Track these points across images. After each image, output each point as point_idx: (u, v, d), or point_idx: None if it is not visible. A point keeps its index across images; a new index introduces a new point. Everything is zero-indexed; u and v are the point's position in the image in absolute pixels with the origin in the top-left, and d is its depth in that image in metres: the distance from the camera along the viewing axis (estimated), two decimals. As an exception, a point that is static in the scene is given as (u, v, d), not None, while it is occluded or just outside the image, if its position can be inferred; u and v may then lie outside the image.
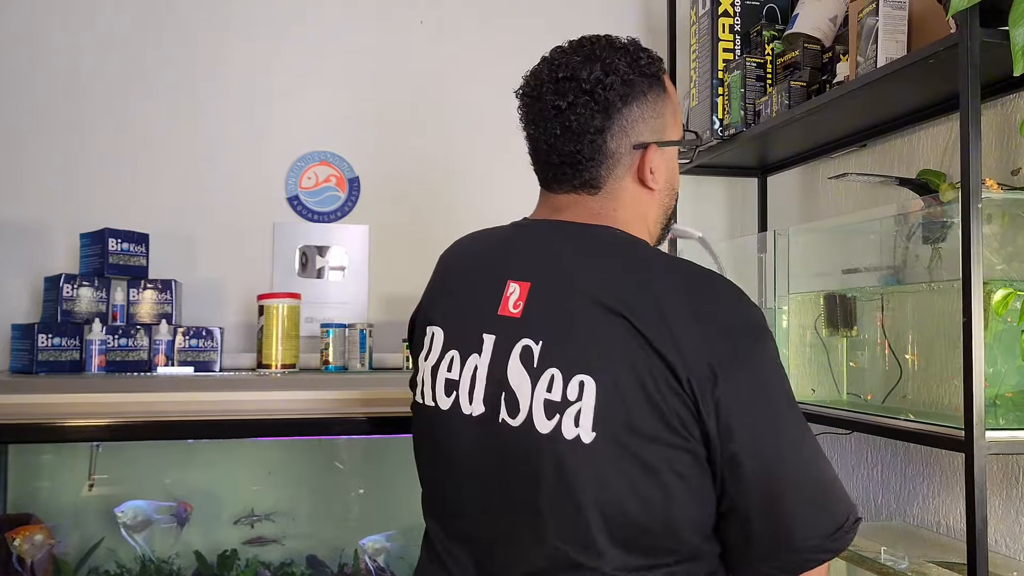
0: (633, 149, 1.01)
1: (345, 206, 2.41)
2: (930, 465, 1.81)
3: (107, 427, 1.53)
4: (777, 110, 1.82)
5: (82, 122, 2.24)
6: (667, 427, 0.87)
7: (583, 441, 0.89)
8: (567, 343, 0.92)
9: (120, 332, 1.93)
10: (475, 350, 0.99)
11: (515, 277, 0.99)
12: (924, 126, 1.82)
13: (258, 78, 2.36)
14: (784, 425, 0.91)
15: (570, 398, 0.90)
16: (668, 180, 1.06)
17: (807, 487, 0.90)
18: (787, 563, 0.91)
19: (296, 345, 2.07)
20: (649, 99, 1.02)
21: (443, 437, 1.03)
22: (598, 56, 1.01)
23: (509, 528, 0.96)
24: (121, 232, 1.97)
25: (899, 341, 1.67)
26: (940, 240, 1.62)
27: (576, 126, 0.99)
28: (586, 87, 0.99)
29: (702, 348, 0.87)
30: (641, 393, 0.87)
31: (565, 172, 1.02)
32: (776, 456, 0.89)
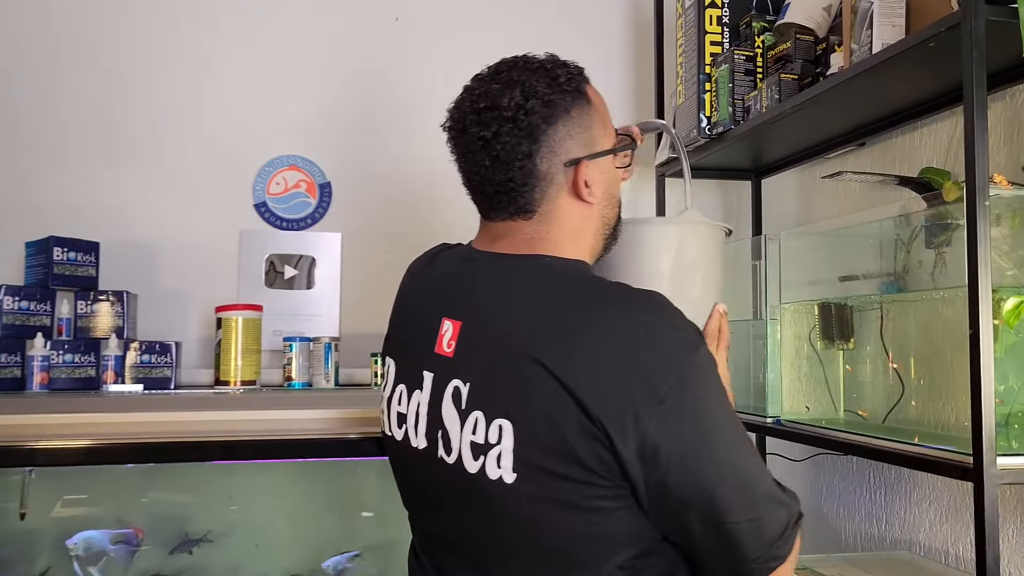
0: (565, 167, 1.02)
1: (316, 213, 2.28)
2: (938, 488, 1.66)
3: (36, 451, 1.42)
4: (767, 105, 1.69)
5: (32, 121, 2.12)
6: (583, 468, 0.88)
7: (506, 482, 0.91)
8: (489, 386, 0.94)
9: (65, 347, 1.80)
10: (418, 386, 1.03)
11: (449, 315, 1.01)
12: (926, 122, 1.68)
13: (224, 78, 2.24)
14: (716, 447, 0.90)
15: (491, 441, 0.92)
16: (606, 191, 1.06)
17: (745, 502, 0.90)
18: (741, 574, 0.92)
19: (257, 360, 1.94)
20: (573, 115, 1.02)
21: (403, 465, 1.10)
22: (516, 80, 1.01)
23: (460, 553, 1.02)
24: (67, 240, 1.85)
25: (901, 354, 1.53)
26: (944, 244, 1.48)
27: (504, 155, 0.99)
28: (507, 115, 0.99)
29: (619, 388, 0.87)
30: (555, 436, 0.88)
31: (500, 200, 1.02)
32: (711, 480, 0.89)
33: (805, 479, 2.10)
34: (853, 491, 1.92)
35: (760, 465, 0.94)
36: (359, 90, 2.32)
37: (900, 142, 1.77)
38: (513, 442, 0.90)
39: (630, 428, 0.86)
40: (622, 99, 2.46)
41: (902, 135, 1.76)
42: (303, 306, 2.24)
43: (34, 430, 1.52)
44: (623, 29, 2.49)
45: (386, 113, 2.33)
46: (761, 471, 0.93)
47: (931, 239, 1.51)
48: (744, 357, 1.85)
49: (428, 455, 1.01)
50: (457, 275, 1.07)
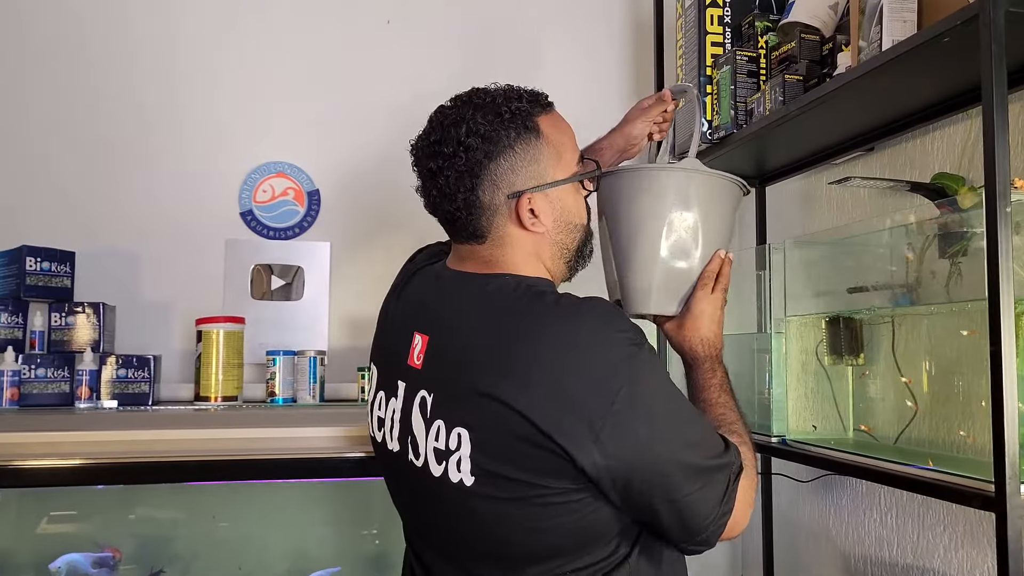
0: (508, 199, 1.07)
1: (304, 221, 2.20)
2: (953, 512, 1.57)
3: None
4: (771, 108, 1.61)
5: (6, 125, 2.05)
6: (537, 473, 0.95)
7: (465, 484, 0.99)
8: (449, 398, 1.02)
9: (38, 361, 1.72)
10: (393, 394, 1.11)
11: (420, 330, 1.09)
12: (939, 125, 1.59)
13: (209, 83, 2.17)
14: (669, 438, 0.98)
15: (451, 447, 1.00)
16: (559, 219, 1.10)
17: (693, 476, 0.98)
18: (702, 539, 1.01)
19: (239, 375, 1.86)
20: (517, 149, 1.06)
21: (385, 466, 1.18)
22: (462, 117, 1.06)
23: (438, 550, 1.12)
24: (41, 250, 1.77)
25: (914, 371, 1.44)
26: (960, 253, 1.39)
27: (447, 188, 1.06)
28: (449, 151, 1.05)
29: (566, 404, 0.93)
30: (507, 447, 0.96)
31: (451, 227, 1.10)
32: (667, 466, 0.97)
33: (812, 500, 2.01)
34: (863, 513, 1.83)
35: (701, 433, 1.02)
36: (348, 95, 2.25)
37: (911, 147, 1.69)
38: (471, 448, 0.98)
39: (587, 440, 0.93)
40: (620, 102, 2.38)
41: (913, 139, 1.67)
42: (290, 318, 2.17)
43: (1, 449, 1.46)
44: (622, 30, 2.41)
45: (376, 119, 2.25)
46: (705, 441, 1.01)
47: (945, 248, 1.42)
48: (748, 372, 1.76)
49: (401, 458, 1.09)
50: (429, 292, 1.15)
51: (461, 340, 1.03)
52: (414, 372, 1.07)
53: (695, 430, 1.02)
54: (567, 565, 1.01)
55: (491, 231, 1.08)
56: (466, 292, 1.08)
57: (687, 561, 1.15)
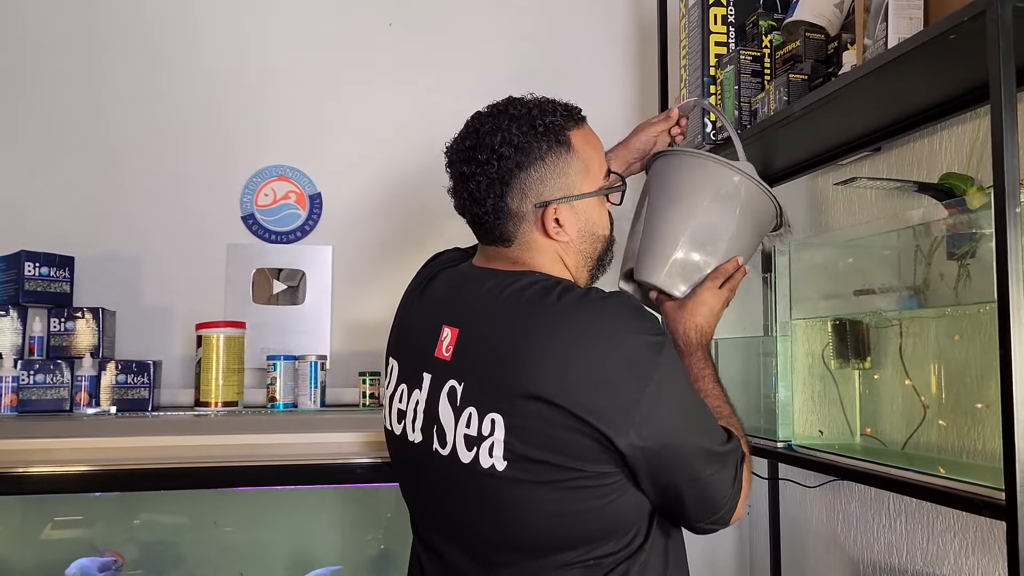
0: (535, 208, 1.12)
1: (305, 225, 2.19)
2: (963, 518, 1.54)
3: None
4: (775, 108, 1.58)
5: (10, 130, 2.04)
6: (569, 456, 1.00)
7: (497, 469, 1.03)
8: (482, 385, 1.05)
9: (36, 367, 1.71)
10: (417, 386, 1.14)
11: (449, 323, 1.12)
12: (947, 124, 1.57)
13: (210, 85, 2.16)
14: (691, 425, 1.05)
15: (484, 433, 1.04)
16: (583, 230, 1.16)
17: (712, 459, 1.06)
18: (719, 518, 1.08)
19: (239, 380, 1.84)
20: (548, 161, 1.11)
21: (401, 459, 1.21)
22: (498, 126, 1.11)
23: (456, 540, 1.14)
24: (40, 255, 1.76)
25: (922, 375, 1.42)
26: (969, 255, 1.36)
27: (478, 193, 1.11)
28: (482, 157, 1.10)
29: (599, 393, 0.99)
30: (544, 431, 1.00)
31: (480, 229, 1.16)
32: (690, 452, 1.04)
33: (820, 505, 1.98)
34: (871, 519, 1.80)
35: (713, 422, 1.10)
36: (350, 98, 2.23)
37: (918, 147, 1.66)
38: (504, 433, 1.02)
39: (624, 423, 0.98)
40: (624, 104, 2.36)
41: (920, 139, 1.65)
42: (292, 323, 2.15)
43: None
44: (625, 31, 2.39)
45: (378, 122, 2.24)
46: (715, 429, 1.09)
47: (953, 250, 1.39)
48: (754, 376, 1.73)
49: (423, 448, 1.12)
50: (458, 288, 1.18)
51: (492, 331, 1.07)
52: (442, 364, 1.10)
53: (709, 417, 1.10)
54: (589, 553, 1.05)
55: (517, 236, 1.13)
56: (496, 286, 1.11)
57: (692, 566, 1.21)
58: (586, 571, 1.05)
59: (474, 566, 1.13)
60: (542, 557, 1.06)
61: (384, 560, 1.95)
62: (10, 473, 1.39)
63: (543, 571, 1.06)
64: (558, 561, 1.05)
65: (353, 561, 1.95)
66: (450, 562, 1.16)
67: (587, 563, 1.05)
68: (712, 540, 2.28)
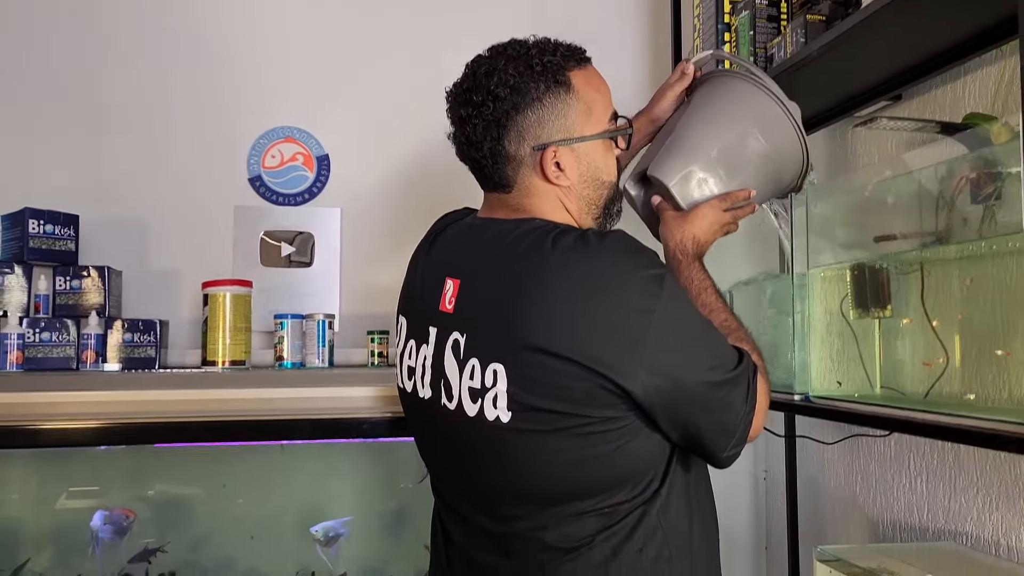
0: (533, 151, 1.08)
1: (313, 187, 2.16)
2: (986, 473, 1.50)
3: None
4: (792, 51, 1.53)
5: (16, 93, 2.02)
6: (574, 403, 0.98)
7: (502, 421, 1.01)
8: (484, 335, 1.04)
9: (42, 325, 1.70)
10: (424, 340, 1.13)
11: (451, 275, 1.11)
12: (970, 67, 1.51)
13: (216, 45, 2.13)
14: (701, 355, 1.02)
15: (487, 384, 1.02)
16: (585, 174, 1.12)
17: (726, 380, 1.03)
18: (735, 441, 1.05)
19: (246, 339, 1.82)
20: (546, 102, 1.08)
21: (415, 418, 1.20)
22: (495, 68, 1.08)
23: (469, 496, 1.14)
24: (44, 212, 1.74)
25: (945, 321, 1.37)
26: (994, 196, 1.31)
27: (475, 136, 1.09)
28: (478, 99, 1.07)
29: (603, 336, 0.97)
30: (547, 380, 0.98)
31: (479, 174, 1.13)
32: (704, 381, 1.02)
33: (839, 464, 1.94)
34: (891, 478, 1.76)
35: (723, 344, 1.06)
36: (357, 58, 2.20)
37: (941, 93, 1.61)
38: (507, 383, 1.00)
39: (632, 364, 0.96)
40: (637, 59, 2.31)
41: (943, 85, 1.59)
42: (301, 285, 2.13)
43: (7, 410, 1.44)
44: (638, -13, 2.33)
45: (385, 82, 2.20)
46: (725, 351, 1.06)
47: (977, 192, 1.34)
48: (769, 328, 1.69)
49: (432, 404, 1.11)
50: (461, 240, 1.16)
51: (491, 281, 1.05)
52: (446, 317, 1.09)
53: (719, 342, 1.06)
54: (604, 501, 1.03)
55: (516, 181, 1.10)
56: (495, 235, 1.10)
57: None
58: (601, 519, 1.04)
59: (491, 522, 1.11)
60: (555, 506, 1.04)
61: (397, 517, 1.94)
62: (21, 427, 1.38)
63: (558, 521, 1.04)
64: (571, 510, 1.04)
65: (365, 518, 1.94)
66: (472, 522, 1.15)
67: (602, 511, 1.04)
68: (728, 502, 2.25)
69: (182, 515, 1.91)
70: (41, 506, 1.83)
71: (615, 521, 1.04)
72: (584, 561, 1.03)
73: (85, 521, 1.81)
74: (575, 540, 1.04)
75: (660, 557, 1.05)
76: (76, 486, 1.84)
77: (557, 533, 1.04)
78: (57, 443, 1.51)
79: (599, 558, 1.03)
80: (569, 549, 1.04)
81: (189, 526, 1.89)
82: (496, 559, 1.11)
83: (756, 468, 2.28)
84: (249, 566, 1.87)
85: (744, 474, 2.27)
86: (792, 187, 1.40)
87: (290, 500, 1.96)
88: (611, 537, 1.03)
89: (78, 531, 1.81)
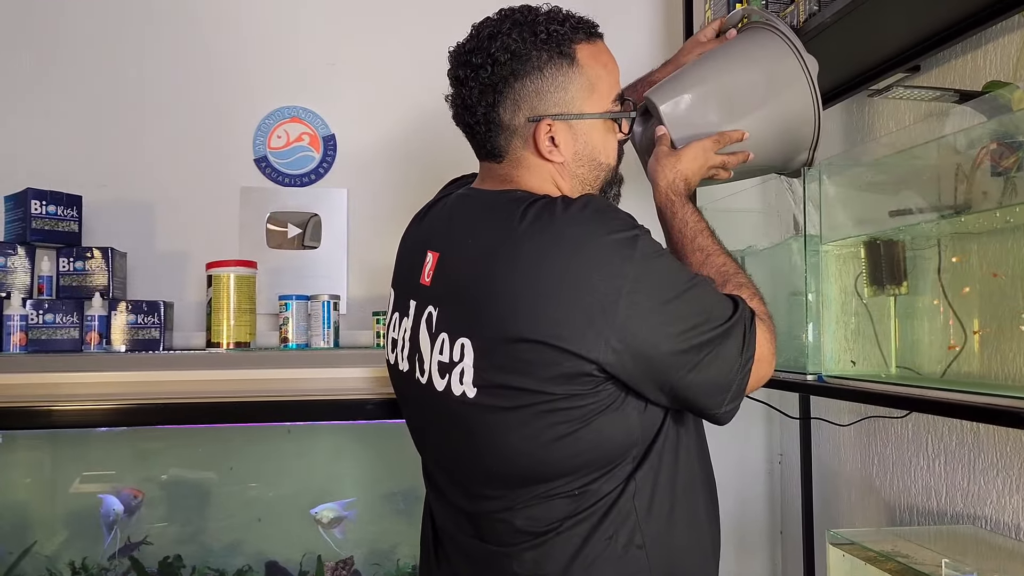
0: (528, 122, 1.05)
1: (320, 168, 2.14)
2: (1007, 455, 1.45)
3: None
4: (804, 20, 1.48)
5: (19, 74, 2.01)
6: (542, 379, 0.95)
7: (468, 396, 0.99)
8: (453, 309, 1.02)
9: (46, 307, 1.69)
10: (406, 313, 1.12)
11: (432, 248, 1.09)
12: (991, 33, 1.46)
13: (221, 25, 2.11)
14: (679, 314, 0.97)
15: (455, 359, 1.00)
16: (580, 153, 1.08)
17: (713, 333, 0.97)
18: (732, 395, 1.00)
19: (251, 321, 1.80)
20: (546, 73, 1.04)
21: (399, 389, 1.19)
22: (499, 32, 1.04)
23: (446, 472, 1.13)
24: (47, 193, 1.73)
25: (962, 299, 1.32)
26: (1016, 168, 1.26)
27: (470, 100, 1.05)
28: (477, 61, 1.03)
29: (570, 307, 0.93)
30: (509, 355, 0.95)
31: (472, 140, 1.10)
32: (685, 342, 0.96)
33: (854, 447, 1.90)
34: (908, 461, 1.71)
35: (713, 297, 1.01)
36: (363, 37, 2.17)
37: (960, 63, 1.55)
38: (473, 358, 0.98)
39: (599, 331, 0.92)
40: (648, 34, 2.26)
41: (963, 54, 1.54)
42: (308, 267, 2.11)
43: (10, 391, 1.43)
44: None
45: (392, 61, 2.17)
46: (716, 304, 1.00)
47: (997, 164, 1.29)
48: (782, 305, 1.65)
49: (410, 377, 1.10)
50: (448, 212, 1.14)
51: (464, 256, 1.03)
52: (424, 289, 1.08)
53: (705, 297, 1.01)
54: (571, 484, 1.00)
55: (508, 152, 1.07)
56: (474, 207, 1.08)
57: (721, 514, 1.16)
58: (571, 502, 1.01)
59: (466, 501, 1.09)
60: (522, 487, 1.01)
61: (406, 499, 1.92)
62: (24, 408, 1.38)
63: (526, 503, 1.02)
64: (539, 492, 1.01)
65: (373, 501, 1.93)
66: (450, 500, 1.13)
67: (571, 494, 1.00)
68: (742, 487, 2.21)
69: (189, 497, 1.91)
70: (47, 488, 1.83)
71: (586, 506, 1.00)
72: (552, 547, 1.01)
73: (91, 503, 1.81)
74: (544, 524, 1.01)
75: (631, 544, 1.01)
76: (81, 468, 1.84)
77: (525, 516, 1.02)
78: (60, 424, 1.51)
79: (568, 545, 1.00)
80: (538, 533, 1.01)
81: (196, 508, 1.89)
82: (471, 540, 1.09)
83: (771, 452, 2.24)
84: (256, 549, 1.86)
85: (759, 459, 2.24)
86: (804, 160, 1.36)
87: (297, 483, 1.94)
88: (581, 523, 1.00)
89: (85, 512, 1.81)
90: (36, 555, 1.74)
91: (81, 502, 1.82)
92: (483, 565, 1.07)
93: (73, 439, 1.84)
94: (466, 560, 1.10)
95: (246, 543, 1.86)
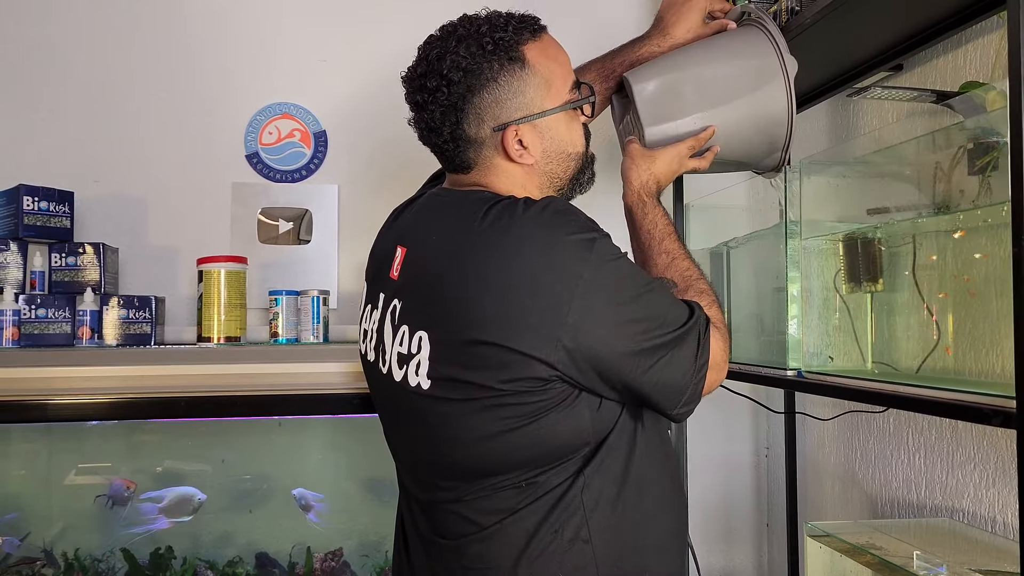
0: (494, 131, 1.07)
1: (311, 164, 2.16)
2: (983, 450, 1.48)
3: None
4: (787, 20, 1.50)
5: (11, 69, 2.02)
6: (490, 376, 0.96)
7: (422, 388, 1.02)
8: (415, 304, 1.05)
9: (38, 302, 1.71)
10: (376, 306, 1.15)
11: (401, 243, 1.13)
12: (971, 33, 1.48)
13: (212, 22, 2.12)
14: (633, 318, 0.98)
15: (413, 351, 1.03)
16: (549, 149, 1.10)
17: (667, 338, 0.99)
18: (689, 398, 1.02)
19: (241, 316, 1.82)
20: (501, 81, 1.06)
21: (370, 384, 1.21)
22: (447, 49, 1.05)
23: (408, 464, 1.16)
24: (39, 189, 1.75)
25: (936, 295, 1.34)
26: (991, 167, 1.28)
27: (433, 123, 1.07)
28: (432, 85, 1.05)
29: (524, 310, 0.94)
30: (462, 351, 0.98)
31: (442, 157, 1.13)
32: (638, 343, 0.98)
33: (837, 442, 1.92)
34: (889, 455, 1.74)
35: (668, 304, 1.02)
36: (354, 33, 2.18)
37: (942, 63, 1.57)
38: (429, 350, 1.00)
39: (551, 333, 0.94)
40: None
41: (944, 54, 1.56)
42: (299, 262, 2.13)
43: (3, 385, 1.45)
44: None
45: (382, 57, 2.17)
46: (670, 310, 1.01)
47: (974, 162, 1.31)
48: (763, 303, 1.67)
49: (376, 368, 1.12)
50: (418, 208, 1.17)
51: (427, 253, 1.06)
52: (392, 283, 1.11)
53: (661, 302, 1.02)
54: (520, 477, 1.01)
55: (478, 162, 1.09)
56: (442, 205, 1.11)
57: (707, 507, 1.16)
58: (519, 493, 1.02)
59: (419, 491, 1.12)
60: (471, 479, 1.03)
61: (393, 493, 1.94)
62: (17, 402, 1.40)
63: (475, 494, 1.03)
64: (487, 483, 1.02)
65: (363, 493, 1.96)
66: (409, 491, 1.15)
67: (519, 485, 1.02)
68: (727, 480, 2.24)
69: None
70: (41, 480, 1.85)
71: (532, 499, 1.01)
72: (498, 540, 1.02)
73: (85, 495, 1.83)
74: (490, 516, 1.02)
75: (577, 538, 1.01)
76: (74, 461, 1.86)
77: (474, 508, 1.03)
78: (53, 418, 1.53)
79: (513, 538, 1.01)
80: (485, 526, 1.03)
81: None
82: (427, 535, 1.10)
83: (758, 446, 2.26)
84: (246, 540, 1.88)
85: (746, 452, 2.26)
86: (778, 159, 1.38)
87: (288, 475, 1.97)
88: (528, 516, 1.01)
89: (78, 505, 1.83)
90: (30, 546, 1.77)
91: (73, 493, 1.84)
92: (436, 559, 1.09)
93: (64, 432, 1.86)
94: (425, 555, 1.11)
95: (237, 535, 1.88)
